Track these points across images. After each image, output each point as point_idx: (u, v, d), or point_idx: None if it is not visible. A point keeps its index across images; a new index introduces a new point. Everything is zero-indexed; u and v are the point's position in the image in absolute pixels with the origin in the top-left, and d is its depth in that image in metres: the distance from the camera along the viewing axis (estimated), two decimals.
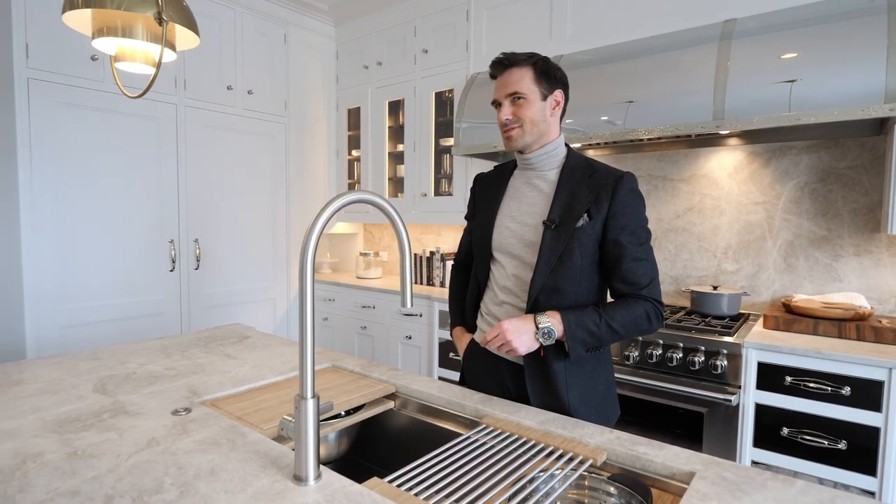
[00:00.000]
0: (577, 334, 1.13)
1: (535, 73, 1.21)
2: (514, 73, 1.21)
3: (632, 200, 1.18)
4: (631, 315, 1.15)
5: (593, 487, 0.88)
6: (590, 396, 1.23)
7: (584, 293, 1.21)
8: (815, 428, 1.70)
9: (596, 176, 1.20)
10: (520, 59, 1.22)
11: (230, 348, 1.62)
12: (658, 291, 1.19)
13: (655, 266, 1.20)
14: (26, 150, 2.26)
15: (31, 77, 2.25)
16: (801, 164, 2.18)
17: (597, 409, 1.24)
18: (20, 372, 1.35)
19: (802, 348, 1.71)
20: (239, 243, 3.13)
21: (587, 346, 1.16)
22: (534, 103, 1.21)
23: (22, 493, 0.77)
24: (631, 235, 1.17)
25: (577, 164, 1.24)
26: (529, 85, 1.20)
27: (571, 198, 1.20)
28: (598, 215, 1.18)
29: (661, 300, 1.19)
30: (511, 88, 1.21)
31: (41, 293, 2.32)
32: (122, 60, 1.20)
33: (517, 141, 1.24)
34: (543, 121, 1.23)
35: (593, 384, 1.24)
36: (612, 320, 1.14)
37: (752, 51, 1.87)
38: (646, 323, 1.17)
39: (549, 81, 1.22)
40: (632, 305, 1.16)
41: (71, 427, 1.01)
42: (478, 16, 2.84)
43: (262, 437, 0.97)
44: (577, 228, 1.18)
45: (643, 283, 1.17)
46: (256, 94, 3.16)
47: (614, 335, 1.15)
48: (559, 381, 1.20)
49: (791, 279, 2.21)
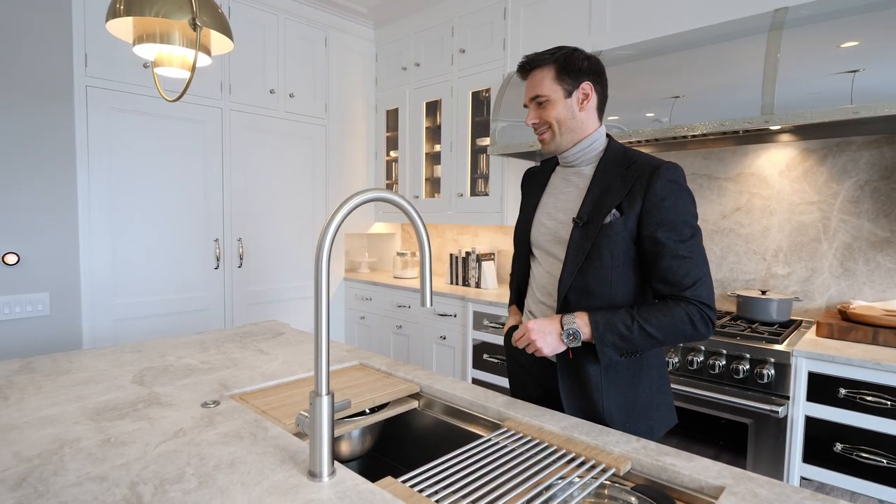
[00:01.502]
0: (607, 337, 1.07)
1: (555, 71, 1.16)
2: (536, 74, 1.19)
3: (670, 193, 1.08)
4: (669, 318, 1.06)
5: (613, 497, 0.85)
6: (628, 404, 1.16)
7: (619, 295, 1.15)
8: (872, 444, 1.57)
9: (632, 168, 1.13)
10: (540, 59, 1.18)
11: (264, 344, 1.66)
12: (706, 293, 1.07)
13: (704, 265, 1.09)
14: (84, 154, 2.40)
15: (89, 85, 2.40)
16: (860, 161, 2.03)
17: (636, 419, 1.17)
18: (70, 362, 1.43)
19: (859, 359, 1.59)
20: (280, 242, 3.22)
21: (620, 351, 1.09)
22: (557, 103, 1.17)
23: (56, 475, 0.81)
24: (671, 231, 1.08)
25: (615, 157, 1.18)
26: (550, 85, 1.16)
27: (603, 193, 1.15)
28: (630, 211, 1.10)
29: (709, 303, 1.07)
30: (533, 91, 1.19)
31: (96, 289, 2.47)
32: (161, 66, 1.26)
33: (550, 144, 1.22)
34: (572, 118, 1.18)
35: (633, 391, 1.17)
36: (647, 323, 1.06)
37: (806, 41, 1.75)
38: (689, 327, 1.06)
39: (572, 76, 1.16)
40: (671, 308, 1.07)
41: (108, 415, 1.06)
42: (515, 13, 2.81)
43: (283, 432, 0.98)
44: (604, 225, 1.12)
45: (686, 284, 1.07)
46: (298, 97, 3.25)
47: (650, 340, 1.07)
48: (593, 384, 1.15)
49: (849, 284, 2.06)
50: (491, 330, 2.65)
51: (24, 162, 2.23)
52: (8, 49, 2.17)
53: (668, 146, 2.40)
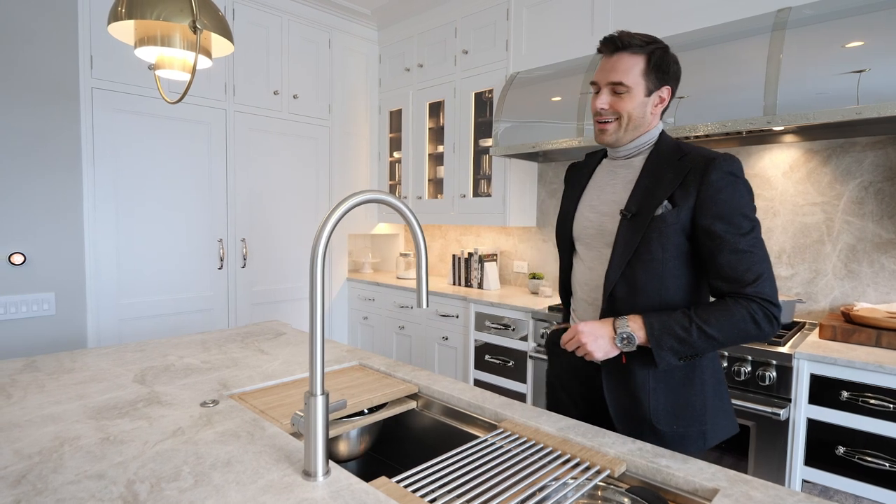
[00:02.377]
0: (664, 341, 1.01)
1: (647, 64, 1.09)
2: (624, 59, 1.09)
3: (727, 184, 1.01)
4: (729, 318, 0.99)
5: (607, 499, 0.85)
6: (680, 408, 1.09)
7: (671, 292, 1.08)
8: (875, 448, 1.56)
9: (685, 159, 1.07)
10: (635, 43, 1.08)
11: (265, 344, 1.67)
12: (769, 289, 1.00)
13: (766, 260, 1.02)
14: (89, 155, 2.43)
15: (94, 87, 2.42)
16: (865, 162, 2.02)
17: (688, 422, 1.09)
18: (73, 361, 1.44)
19: (862, 361, 1.58)
20: (283, 243, 3.23)
21: (678, 355, 1.02)
22: (636, 97, 1.10)
23: (55, 473, 0.82)
24: (728, 224, 1.01)
25: (666, 149, 1.12)
26: (637, 77, 1.09)
27: (654, 184, 1.08)
28: (683, 203, 1.04)
29: (773, 299, 1.00)
30: (616, 77, 1.09)
31: (101, 289, 2.49)
32: (162, 68, 1.27)
33: (611, 136, 1.15)
34: (643, 116, 1.12)
35: (686, 395, 1.09)
36: (706, 324, 0.99)
37: (810, 41, 1.75)
38: (752, 326, 0.99)
39: (659, 76, 1.10)
40: (730, 307, 1.00)
41: (108, 414, 1.07)
42: (518, 14, 2.81)
43: (280, 432, 0.99)
44: (655, 217, 1.05)
45: (747, 280, 0.99)
46: (301, 99, 3.26)
47: (710, 342, 1.00)
48: (639, 384, 1.09)
49: (853, 286, 2.05)
50: (493, 331, 2.65)
51: (30, 163, 2.26)
52: (15, 51, 2.20)
53: None
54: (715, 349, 1.04)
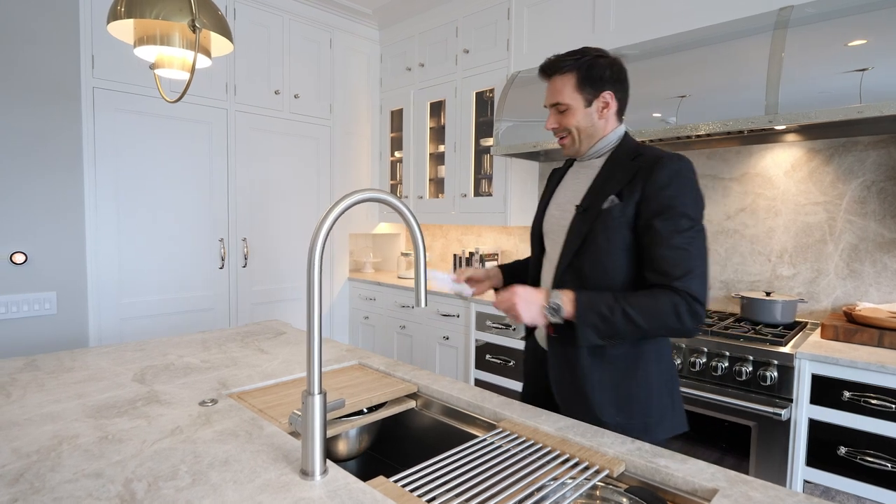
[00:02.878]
0: (588, 317, 1.05)
1: (577, 79, 1.17)
2: (557, 81, 1.19)
3: (672, 183, 1.07)
4: (654, 306, 1.03)
5: (605, 498, 0.84)
6: (622, 400, 1.14)
7: (616, 283, 1.13)
8: (877, 448, 1.55)
9: (638, 159, 1.13)
10: (562, 64, 1.18)
11: (265, 343, 1.67)
12: (697, 286, 1.04)
13: (699, 259, 1.06)
14: (91, 155, 2.43)
15: (95, 86, 2.42)
16: (867, 161, 2.01)
17: (630, 416, 1.13)
18: (73, 360, 1.45)
19: (864, 361, 1.57)
20: (285, 242, 3.23)
21: (600, 333, 1.06)
22: (577, 111, 1.18)
23: (52, 472, 0.82)
24: (667, 221, 1.06)
25: (625, 150, 1.18)
26: (571, 94, 1.17)
27: (606, 181, 1.16)
28: (630, 198, 1.10)
29: (698, 296, 1.03)
30: (553, 98, 1.20)
31: (102, 288, 2.50)
32: (162, 67, 1.27)
33: (571, 148, 1.25)
34: (591, 125, 1.20)
35: (629, 387, 1.14)
36: (631, 308, 1.03)
37: (812, 39, 1.74)
38: (673, 319, 1.03)
39: (593, 85, 1.17)
40: (657, 296, 1.04)
41: (107, 413, 1.07)
42: (518, 13, 2.81)
43: (278, 431, 0.99)
44: (602, 211, 1.13)
45: (675, 274, 1.04)
46: (302, 98, 3.26)
47: (632, 325, 1.04)
48: (583, 373, 1.15)
49: (855, 286, 2.04)
50: (494, 331, 2.65)
51: (31, 163, 2.26)
52: (16, 51, 2.20)
53: (672, 146, 2.38)
54: (637, 335, 1.07)
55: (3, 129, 2.19)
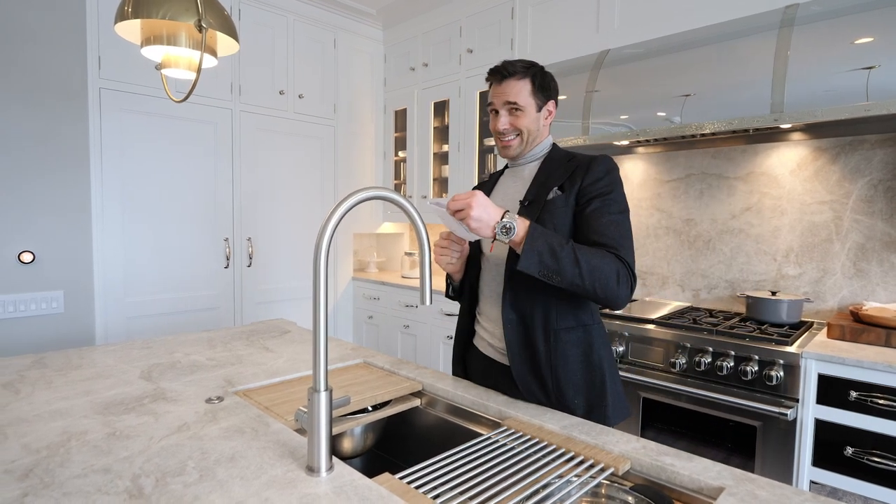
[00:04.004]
0: (537, 244, 1.06)
1: (532, 85, 1.24)
2: (513, 84, 1.24)
3: (604, 175, 1.19)
4: (601, 262, 1.07)
5: (611, 496, 0.84)
6: (580, 385, 1.20)
7: None
8: (884, 448, 1.54)
9: (573, 160, 1.25)
10: (519, 69, 1.24)
11: (270, 342, 1.68)
12: (631, 262, 1.13)
13: (630, 238, 1.16)
14: (97, 155, 2.45)
15: (102, 87, 2.44)
16: (874, 160, 1.99)
17: (590, 400, 1.21)
18: (80, 358, 1.46)
19: (870, 361, 1.56)
20: (289, 242, 3.24)
21: (542, 266, 1.06)
22: (530, 114, 1.26)
23: (61, 467, 0.83)
24: (605, 202, 1.17)
25: (558, 155, 1.30)
26: (527, 97, 1.24)
27: (547, 179, 1.26)
28: (571, 190, 1.20)
29: (633, 272, 1.13)
30: (510, 98, 1.24)
31: (109, 287, 2.51)
32: (168, 67, 1.28)
33: (515, 150, 1.30)
34: (537, 129, 1.28)
35: (584, 372, 1.21)
36: (580, 253, 1.07)
37: (818, 37, 1.73)
38: (614, 281, 1.08)
39: (544, 93, 1.27)
40: (605, 256, 1.09)
41: (115, 410, 1.08)
42: (522, 13, 2.81)
43: (284, 428, 0.99)
44: (547, 201, 1.21)
45: (621, 244, 1.13)
46: (307, 98, 3.28)
47: (576, 268, 1.05)
48: (542, 360, 1.19)
49: (862, 285, 2.03)
50: None
51: (39, 162, 2.28)
52: (23, 51, 2.22)
53: (677, 145, 2.38)
54: (575, 281, 1.07)
55: (11, 129, 2.21)
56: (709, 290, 2.42)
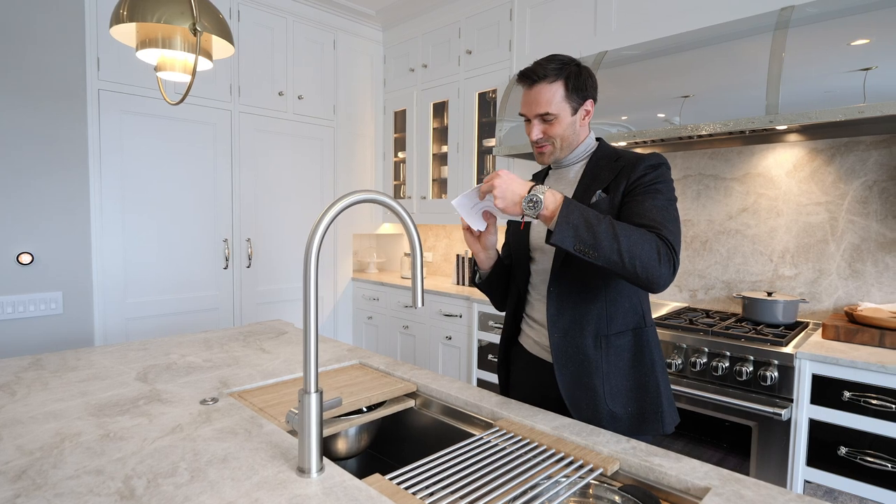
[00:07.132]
0: (572, 216, 0.98)
1: (566, 89, 1.15)
2: (545, 90, 1.15)
3: (653, 170, 1.12)
4: (641, 236, 0.99)
5: (599, 496, 0.85)
6: (633, 389, 1.15)
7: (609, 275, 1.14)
8: (877, 449, 1.55)
9: (620, 160, 1.17)
10: (550, 72, 1.14)
11: (266, 343, 1.69)
12: (677, 244, 1.03)
13: (676, 223, 1.07)
14: (96, 156, 2.46)
15: (101, 88, 2.45)
16: (869, 161, 2.00)
17: (644, 404, 1.14)
18: (77, 359, 1.47)
19: (864, 361, 1.57)
20: (289, 243, 3.25)
21: (578, 239, 0.97)
22: (564, 121, 1.17)
23: (55, 468, 0.84)
24: (650, 192, 1.10)
25: (605, 154, 1.22)
26: (560, 103, 1.16)
27: (592, 181, 1.19)
28: (616, 191, 1.13)
29: (678, 253, 1.03)
30: (541, 109, 1.16)
31: (108, 288, 2.53)
32: (163, 70, 1.29)
33: (550, 157, 1.24)
34: (574, 133, 1.21)
35: (637, 376, 1.15)
36: (619, 226, 0.98)
37: (813, 39, 1.73)
38: (655, 257, 0.98)
39: (580, 94, 1.17)
40: (645, 232, 1.01)
41: (109, 411, 1.08)
42: (521, 14, 2.81)
43: (276, 429, 1.00)
44: (591, 204, 1.15)
45: (665, 225, 1.04)
46: (306, 99, 3.28)
47: (614, 244, 0.96)
48: (591, 368, 1.14)
49: (857, 286, 2.03)
50: (496, 331, 2.65)
51: (37, 163, 2.29)
52: (23, 52, 2.23)
53: (674, 146, 2.38)
54: (613, 258, 0.98)
55: (10, 130, 2.22)
56: (706, 290, 2.43)
